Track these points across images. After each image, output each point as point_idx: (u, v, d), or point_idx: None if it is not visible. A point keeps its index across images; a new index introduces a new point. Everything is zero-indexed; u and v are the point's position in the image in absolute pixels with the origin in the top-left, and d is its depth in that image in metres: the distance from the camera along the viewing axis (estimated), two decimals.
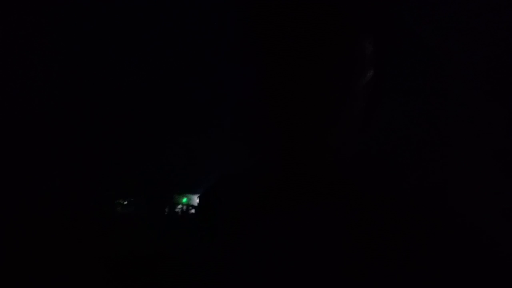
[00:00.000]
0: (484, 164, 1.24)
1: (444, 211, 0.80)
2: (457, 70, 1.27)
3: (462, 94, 1.27)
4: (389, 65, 0.88)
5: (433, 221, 0.79)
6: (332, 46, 0.80)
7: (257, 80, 0.82)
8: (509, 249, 0.77)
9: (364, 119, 0.85)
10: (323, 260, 0.81)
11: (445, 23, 1.27)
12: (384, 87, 0.88)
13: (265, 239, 0.88)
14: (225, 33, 0.87)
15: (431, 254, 0.76)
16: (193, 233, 1.05)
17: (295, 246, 0.84)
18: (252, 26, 0.82)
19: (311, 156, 0.84)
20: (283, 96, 0.80)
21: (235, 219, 0.95)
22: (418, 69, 1.27)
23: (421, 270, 0.76)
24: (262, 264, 0.86)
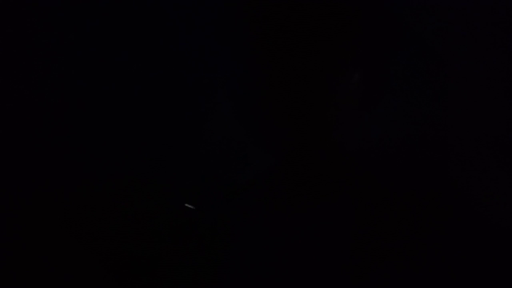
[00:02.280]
0: (485, 163, 1.24)
1: (449, 205, 0.80)
2: (459, 69, 1.27)
3: (464, 94, 1.28)
4: (390, 64, 0.88)
5: (438, 216, 0.79)
6: (332, 44, 0.80)
7: (254, 78, 0.82)
8: None
9: (366, 117, 0.85)
10: (328, 259, 0.81)
11: (446, 22, 1.27)
12: (385, 86, 0.88)
13: (268, 239, 0.88)
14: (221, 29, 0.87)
15: (438, 251, 0.76)
16: (193, 233, 1.05)
17: (300, 246, 0.84)
18: (249, 23, 0.82)
19: (313, 154, 0.84)
20: (282, 94, 0.80)
21: (236, 219, 0.94)
22: (419, 68, 1.27)
23: (428, 268, 0.76)
24: (264, 264, 0.86)
